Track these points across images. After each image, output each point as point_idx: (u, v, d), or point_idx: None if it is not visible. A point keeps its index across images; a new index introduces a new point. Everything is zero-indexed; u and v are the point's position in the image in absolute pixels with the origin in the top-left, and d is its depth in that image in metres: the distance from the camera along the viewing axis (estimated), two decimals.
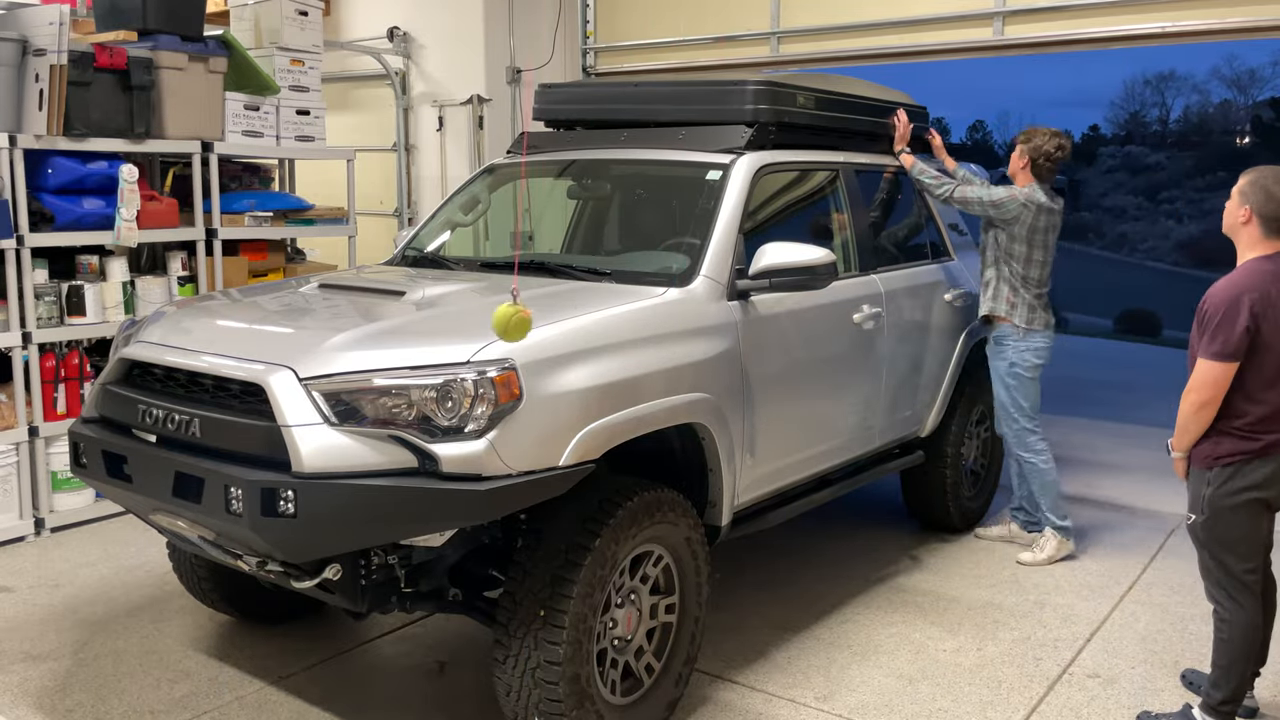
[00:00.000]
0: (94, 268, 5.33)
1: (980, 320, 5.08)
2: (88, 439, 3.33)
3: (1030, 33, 6.49)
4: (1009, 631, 4.24)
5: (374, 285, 3.79)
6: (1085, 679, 3.86)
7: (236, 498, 2.84)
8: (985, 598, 4.57)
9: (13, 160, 4.86)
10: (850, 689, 3.75)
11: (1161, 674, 3.89)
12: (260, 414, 2.91)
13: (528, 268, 4.04)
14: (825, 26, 7.17)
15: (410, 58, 7.97)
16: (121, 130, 5.25)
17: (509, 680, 3.09)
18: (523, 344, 2.99)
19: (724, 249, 3.76)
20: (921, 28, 6.81)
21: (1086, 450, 7.06)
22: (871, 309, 4.42)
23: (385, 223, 8.09)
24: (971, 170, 6.00)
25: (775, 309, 3.87)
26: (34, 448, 5.12)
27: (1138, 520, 5.62)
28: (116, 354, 3.49)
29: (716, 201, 3.90)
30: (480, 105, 7.70)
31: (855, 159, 4.74)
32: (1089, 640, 4.17)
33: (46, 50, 4.82)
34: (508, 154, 4.88)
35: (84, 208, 5.12)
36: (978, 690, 3.76)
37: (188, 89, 5.48)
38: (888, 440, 4.76)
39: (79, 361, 5.24)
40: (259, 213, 5.90)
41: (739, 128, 4.17)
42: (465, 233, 4.90)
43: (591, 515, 3.10)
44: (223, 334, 3.33)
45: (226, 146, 5.77)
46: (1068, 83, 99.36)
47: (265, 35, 6.31)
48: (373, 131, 8.15)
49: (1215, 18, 5.96)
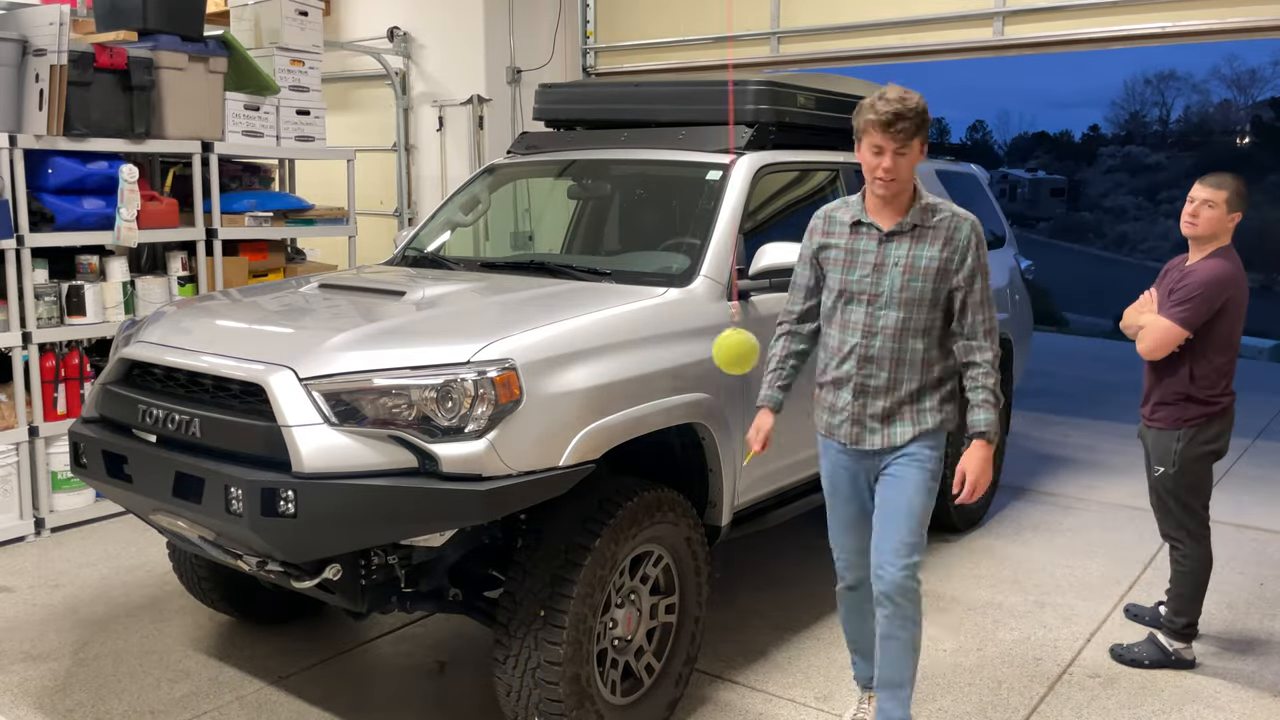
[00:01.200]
0: (94, 268, 5.33)
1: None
2: (88, 439, 3.33)
3: (1030, 33, 6.49)
4: (1009, 632, 4.24)
5: (374, 285, 3.79)
6: (1085, 679, 3.86)
7: (237, 498, 2.84)
8: (985, 598, 4.57)
9: (13, 160, 4.86)
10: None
11: (1161, 673, 3.89)
12: (260, 414, 2.91)
13: (528, 268, 4.05)
14: (825, 26, 7.17)
15: (410, 58, 7.97)
16: (122, 130, 5.25)
17: (509, 680, 3.09)
18: (522, 344, 2.99)
19: (724, 249, 3.77)
20: (922, 28, 6.81)
21: (1086, 450, 7.06)
22: None
23: (385, 223, 8.09)
24: (974, 171, 6.02)
25: (775, 309, 3.86)
26: (34, 448, 5.12)
27: (1138, 520, 5.62)
28: (116, 354, 3.49)
29: (717, 202, 3.91)
30: (480, 105, 7.70)
31: (855, 159, 4.73)
32: (1089, 640, 4.17)
33: (47, 50, 4.82)
34: (508, 154, 4.88)
35: (84, 208, 5.12)
36: (978, 690, 3.76)
37: (188, 89, 5.48)
38: None
39: (79, 361, 5.24)
40: (259, 213, 5.90)
41: (739, 127, 4.18)
42: (465, 233, 4.90)
43: (592, 515, 3.10)
44: (223, 334, 3.33)
45: (226, 146, 5.77)
46: (1068, 83, 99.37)
47: (265, 35, 6.31)
48: (373, 131, 8.15)
49: (1215, 18, 5.96)
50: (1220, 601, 4.53)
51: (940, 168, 5.47)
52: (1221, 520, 5.65)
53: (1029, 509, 5.81)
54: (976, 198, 5.80)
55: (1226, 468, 6.67)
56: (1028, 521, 5.60)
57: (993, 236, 5.82)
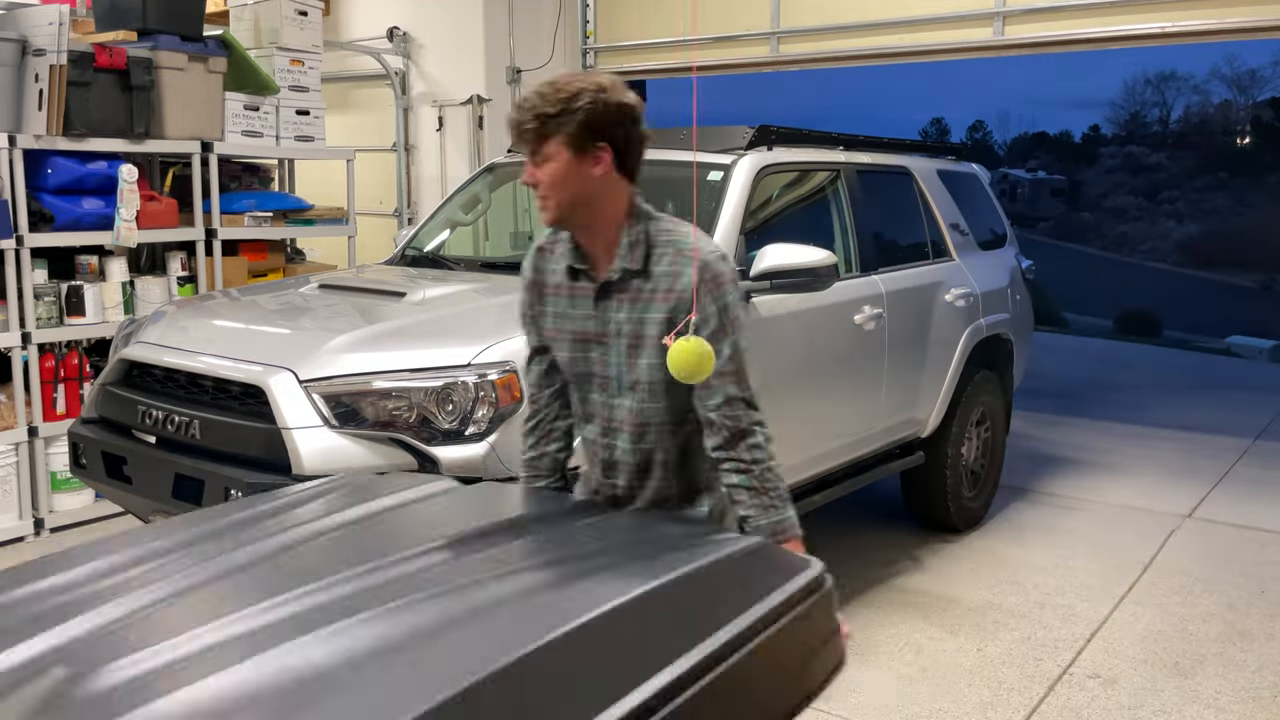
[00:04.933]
0: (93, 268, 5.33)
1: None
2: (88, 440, 3.33)
3: (1030, 33, 6.48)
4: (1009, 632, 4.24)
5: (374, 286, 3.78)
6: (1086, 679, 3.86)
7: (236, 499, 2.83)
8: (985, 598, 4.57)
9: (12, 160, 4.85)
10: (850, 689, 3.75)
11: (1162, 674, 3.89)
12: (260, 416, 2.91)
13: None
14: (825, 26, 7.16)
15: (410, 58, 7.96)
16: (121, 130, 5.25)
17: None
18: (524, 346, 2.98)
19: (725, 250, 3.76)
20: (921, 28, 6.81)
21: (1086, 450, 7.05)
22: (872, 310, 4.41)
23: (385, 223, 8.08)
24: (975, 171, 6.01)
25: (776, 310, 3.87)
26: (33, 448, 5.11)
27: (1138, 520, 5.62)
28: (116, 354, 3.49)
29: (717, 202, 3.90)
30: (480, 105, 7.69)
31: (856, 159, 4.73)
32: (1089, 641, 4.17)
33: (46, 50, 4.82)
34: (508, 153, 4.88)
35: (83, 208, 5.11)
36: (978, 691, 3.76)
37: (187, 89, 5.48)
38: (888, 441, 4.76)
39: (78, 362, 5.23)
40: (258, 213, 5.89)
41: (741, 127, 4.17)
42: (465, 232, 4.90)
43: None
44: (222, 335, 3.33)
45: (226, 146, 5.77)
46: (1067, 83, 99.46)
47: (265, 35, 6.30)
48: (372, 131, 8.14)
49: (1215, 18, 5.95)
50: (1220, 601, 4.53)
51: (941, 167, 5.47)
52: (1221, 520, 5.66)
53: (1029, 509, 5.81)
54: (978, 198, 5.81)
55: (1227, 468, 6.67)
56: (1028, 522, 5.59)
57: (993, 235, 5.82)
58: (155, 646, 1.39)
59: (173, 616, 1.53)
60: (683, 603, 1.67)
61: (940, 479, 5.15)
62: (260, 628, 1.44)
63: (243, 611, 1.49)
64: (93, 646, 1.42)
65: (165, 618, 1.52)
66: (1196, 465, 6.73)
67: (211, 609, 1.53)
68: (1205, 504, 5.95)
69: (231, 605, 1.52)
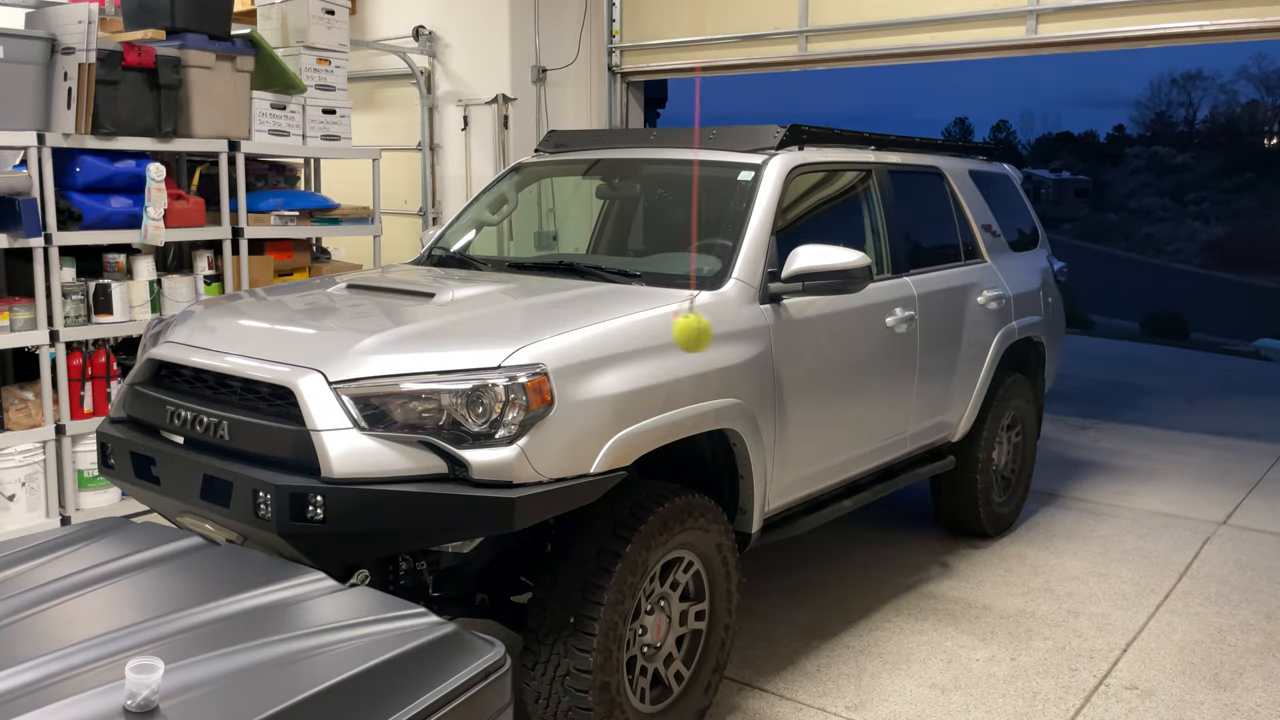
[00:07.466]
0: (121, 266, 5.33)
1: None
2: (116, 440, 3.31)
3: (1064, 31, 6.39)
4: (1043, 641, 4.17)
5: (402, 286, 3.75)
6: (1123, 690, 3.79)
7: (265, 502, 2.81)
8: (1018, 606, 4.50)
9: (41, 158, 4.86)
10: (882, 698, 3.69)
11: (1201, 686, 3.82)
12: (289, 417, 2.88)
13: (556, 269, 4.00)
14: (854, 25, 7.09)
15: (435, 57, 7.95)
16: (149, 129, 5.25)
17: (538, 687, 3.05)
18: (554, 348, 2.95)
19: (756, 251, 3.71)
20: (952, 26, 6.72)
21: (1116, 455, 6.95)
22: (905, 312, 4.35)
23: (410, 222, 8.07)
24: (1007, 171, 5.93)
25: (808, 312, 3.81)
26: (60, 446, 5.12)
27: (1171, 527, 5.53)
28: (144, 354, 3.47)
29: (749, 203, 3.85)
30: (505, 104, 7.67)
31: (888, 158, 4.67)
32: (1125, 651, 4.10)
33: (75, 49, 4.82)
34: (535, 152, 4.84)
35: (111, 206, 5.11)
36: (1012, 702, 3.69)
37: (215, 88, 5.47)
38: (919, 445, 4.69)
39: (106, 360, 5.24)
40: (285, 212, 5.88)
41: (771, 127, 4.12)
42: (491, 232, 4.86)
43: (622, 521, 3.06)
44: (251, 335, 3.30)
45: (253, 145, 5.76)
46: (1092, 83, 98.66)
47: (292, 34, 6.29)
48: (398, 131, 8.13)
49: (1254, 16, 5.85)
50: (1259, 611, 4.45)
51: (974, 168, 5.39)
52: (1257, 528, 5.55)
53: (1060, 515, 5.73)
54: (1010, 198, 5.72)
55: (1261, 474, 6.56)
56: (1059, 528, 5.51)
57: (1025, 236, 5.74)
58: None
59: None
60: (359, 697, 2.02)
61: (971, 484, 5.07)
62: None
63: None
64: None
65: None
66: (1229, 471, 6.63)
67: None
68: (1240, 511, 5.85)
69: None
